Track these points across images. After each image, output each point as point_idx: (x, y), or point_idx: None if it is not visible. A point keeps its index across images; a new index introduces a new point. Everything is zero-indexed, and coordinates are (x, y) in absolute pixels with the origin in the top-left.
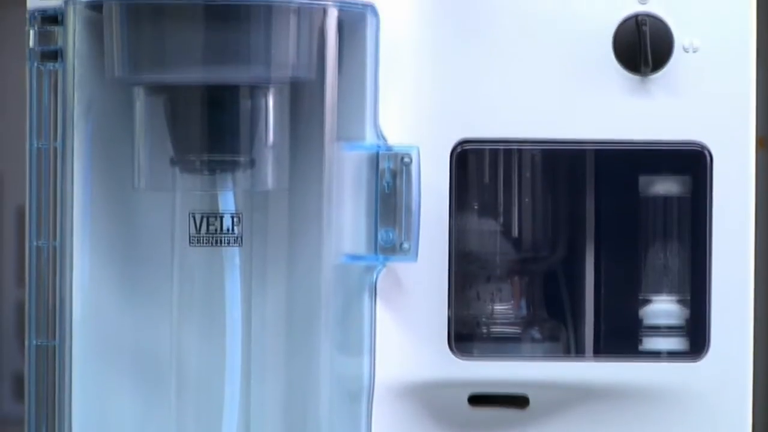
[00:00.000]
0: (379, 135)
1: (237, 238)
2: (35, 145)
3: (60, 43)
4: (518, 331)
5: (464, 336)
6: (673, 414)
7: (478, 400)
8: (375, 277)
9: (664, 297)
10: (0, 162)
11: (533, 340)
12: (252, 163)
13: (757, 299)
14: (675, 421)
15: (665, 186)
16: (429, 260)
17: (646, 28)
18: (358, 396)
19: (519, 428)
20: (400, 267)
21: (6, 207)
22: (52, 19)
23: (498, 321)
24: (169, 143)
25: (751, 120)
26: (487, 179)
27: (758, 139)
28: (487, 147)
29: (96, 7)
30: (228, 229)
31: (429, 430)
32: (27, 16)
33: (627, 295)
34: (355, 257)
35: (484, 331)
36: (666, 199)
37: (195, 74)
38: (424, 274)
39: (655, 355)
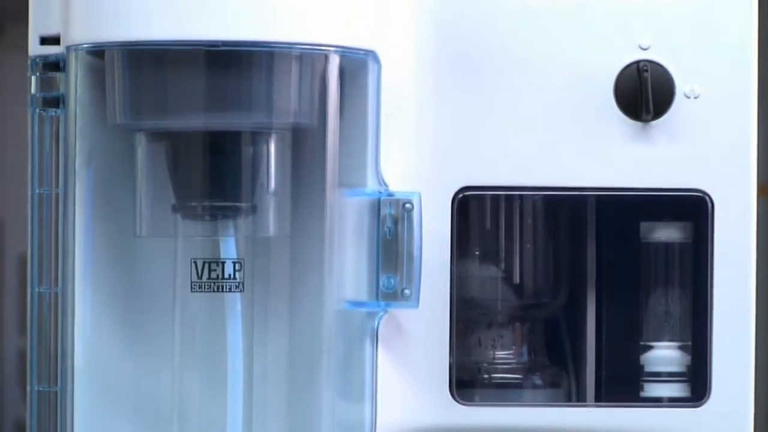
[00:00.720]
0: (381, 181)
1: (238, 284)
2: (37, 192)
3: (62, 89)
4: (520, 377)
5: (466, 382)
6: None
7: None
8: (376, 323)
9: (665, 343)
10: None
11: (535, 386)
12: (254, 210)
13: (758, 345)
14: None
15: (666, 232)
16: (430, 306)
17: (648, 75)
18: None
19: None
20: (401, 313)
21: (7, 255)
22: (53, 65)
23: (499, 367)
24: (170, 189)
25: (752, 167)
26: (488, 225)
27: (759, 188)
28: (489, 194)
29: (98, 54)
30: (230, 275)
31: None
32: (29, 62)
33: (628, 342)
34: (356, 303)
35: (486, 377)
36: (667, 246)
37: (197, 120)
38: (426, 320)
39: (656, 401)
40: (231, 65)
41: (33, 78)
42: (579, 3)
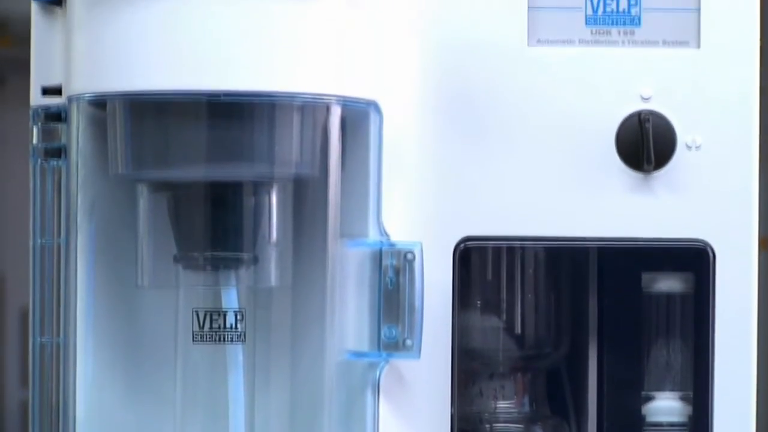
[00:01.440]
0: (382, 231)
1: (240, 334)
2: (39, 242)
3: (63, 140)
4: (521, 428)
5: None
6: None
7: None
8: (378, 374)
9: (666, 394)
10: (2, 263)
11: None
12: (255, 260)
13: (759, 397)
14: None
15: (668, 283)
16: (432, 357)
17: (649, 126)
18: None
19: None
20: (403, 364)
21: (9, 308)
22: (55, 115)
23: (501, 418)
24: (172, 240)
25: (754, 218)
26: (489, 276)
27: (761, 240)
28: (490, 244)
29: (99, 104)
30: (231, 326)
31: None
32: (30, 112)
33: (630, 392)
34: (358, 354)
35: (487, 428)
36: (669, 296)
37: (198, 171)
38: (427, 370)
39: None
40: (232, 116)
41: (35, 128)
42: (580, 53)
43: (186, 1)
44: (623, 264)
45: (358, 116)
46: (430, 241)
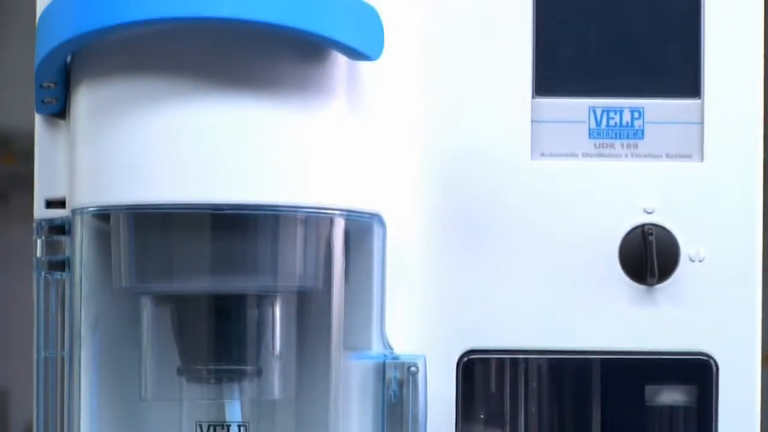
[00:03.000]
0: (386, 344)
1: None
2: (42, 355)
3: (67, 252)
4: None
5: None
6: None
7: None
8: None
9: None
10: (5, 379)
11: None
12: (259, 373)
13: None
14: None
15: (671, 396)
16: None
17: (653, 238)
18: None
19: None
20: None
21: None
22: (59, 228)
23: None
24: (175, 352)
25: (757, 331)
26: (493, 388)
27: (764, 355)
28: (494, 357)
29: (103, 217)
30: None
31: None
32: (34, 225)
33: None
34: None
35: None
36: (672, 409)
37: (202, 284)
38: None
39: None
40: (236, 228)
41: (38, 241)
42: (584, 166)
43: (189, 114)
44: (626, 376)
45: (361, 228)
46: (433, 353)
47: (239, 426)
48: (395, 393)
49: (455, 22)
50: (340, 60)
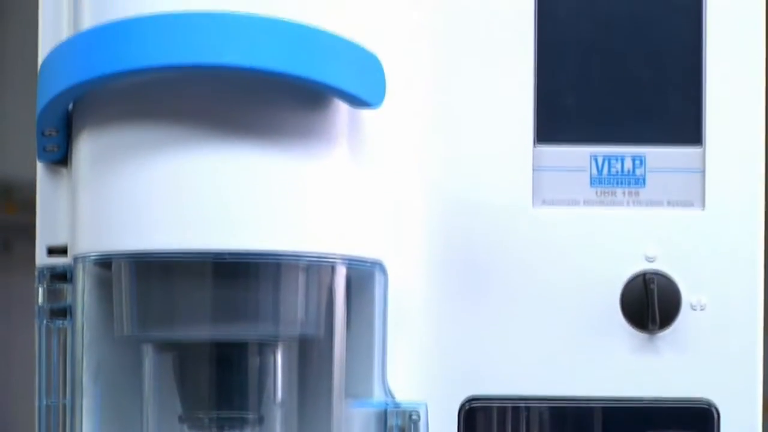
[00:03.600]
0: (387, 391)
1: None
2: (44, 403)
3: (69, 300)
4: None
5: None
6: None
7: None
8: None
9: None
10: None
11: None
12: (260, 420)
13: None
14: None
15: None
16: None
17: (654, 286)
18: None
19: None
20: None
21: None
22: (61, 276)
23: None
24: (177, 400)
25: (759, 378)
26: None
27: (765, 403)
28: (495, 404)
29: (104, 264)
30: None
31: None
32: (36, 273)
33: None
34: None
35: None
36: None
37: (203, 332)
38: None
39: None
40: (238, 275)
41: (40, 289)
42: (585, 214)
43: (190, 161)
44: (628, 423)
45: (363, 276)
46: (435, 401)
47: None
48: None
49: (457, 69)
50: (341, 107)
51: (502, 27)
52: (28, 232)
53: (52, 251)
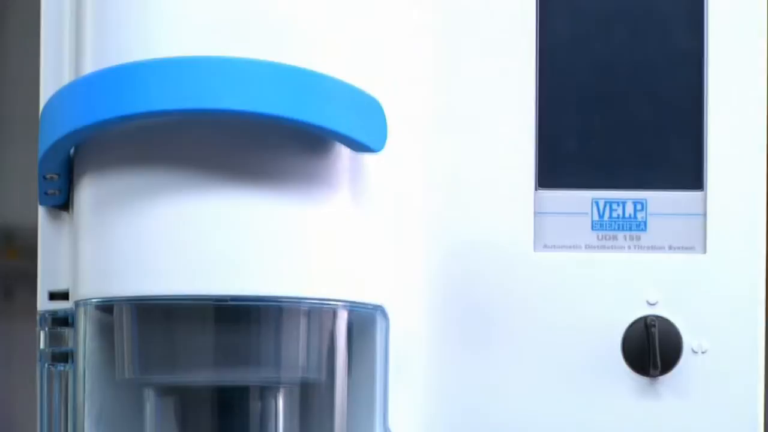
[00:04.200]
0: None
1: None
2: None
3: (70, 344)
4: None
5: None
6: None
7: None
8: None
9: None
10: None
11: None
12: None
13: None
14: None
15: None
16: None
17: (655, 331)
18: None
19: None
20: None
21: None
22: (62, 320)
23: None
24: None
25: (760, 423)
26: None
27: None
28: None
29: (106, 309)
30: None
31: None
32: (37, 317)
33: None
34: None
35: None
36: None
37: (205, 376)
38: None
39: None
40: (239, 320)
41: (42, 333)
42: (587, 258)
43: (192, 206)
44: None
45: (364, 320)
46: None
47: None
48: None
49: (458, 114)
50: (343, 152)
51: (504, 72)
52: (28, 278)
53: (53, 296)
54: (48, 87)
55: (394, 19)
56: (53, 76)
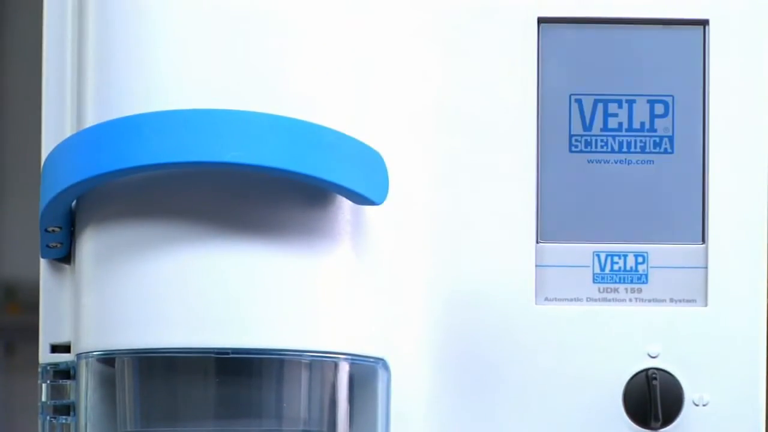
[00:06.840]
0: None
1: None
2: None
3: (72, 397)
4: None
5: None
6: None
7: None
8: None
9: None
10: None
11: None
12: None
13: None
14: None
15: None
16: None
17: (656, 383)
18: None
19: None
20: None
21: None
22: (64, 373)
23: None
24: None
25: None
26: None
27: None
28: None
29: (108, 361)
30: None
31: None
32: (39, 370)
33: None
34: None
35: None
36: None
37: (207, 427)
38: None
39: None
40: (241, 372)
41: (44, 386)
42: (588, 311)
43: (193, 259)
44: None
45: (366, 373)
46: None
47: None
48: None
49: (459, 167)
50: (344, 204)
51: (505, 130)
52: (30, 333)
53: (55, 348)
54: (49, 139)
55: (393, 72)
56: (55, 128)
